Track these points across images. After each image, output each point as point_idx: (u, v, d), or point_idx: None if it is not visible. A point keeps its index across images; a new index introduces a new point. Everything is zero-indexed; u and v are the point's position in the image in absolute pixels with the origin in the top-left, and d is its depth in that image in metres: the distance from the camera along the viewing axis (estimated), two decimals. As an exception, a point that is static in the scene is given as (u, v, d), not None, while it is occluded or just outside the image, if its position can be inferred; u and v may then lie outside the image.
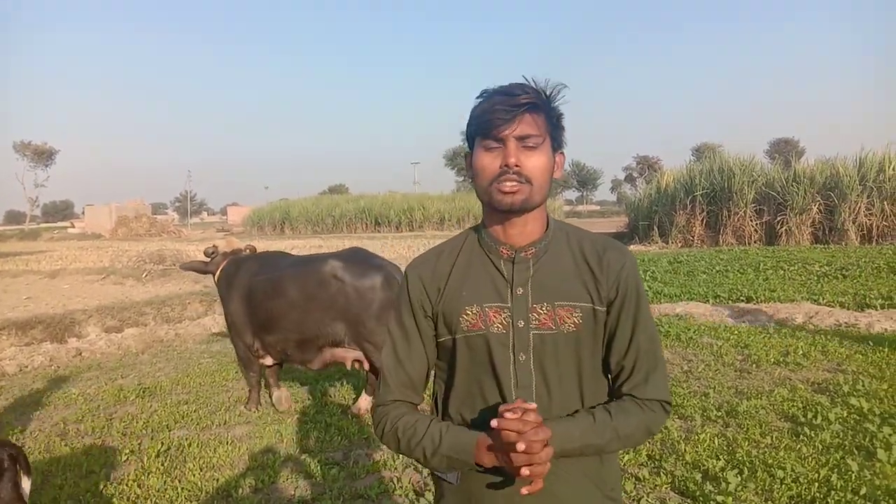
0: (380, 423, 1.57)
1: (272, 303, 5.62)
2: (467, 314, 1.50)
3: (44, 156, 77.15)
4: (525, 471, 1.30)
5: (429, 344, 1.58)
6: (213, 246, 6.57)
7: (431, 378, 1.67)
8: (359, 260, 5.63)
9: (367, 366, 5.62)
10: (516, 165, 1.42)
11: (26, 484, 2.98)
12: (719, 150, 28.11)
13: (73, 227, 65.42)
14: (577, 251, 1.55)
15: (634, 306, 1.52)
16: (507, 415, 1.31)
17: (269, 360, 5.98)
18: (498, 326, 1.49)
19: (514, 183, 1.43)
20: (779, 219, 22.06)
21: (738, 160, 23.96)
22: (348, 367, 5.79)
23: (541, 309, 1.48)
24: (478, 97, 1.49)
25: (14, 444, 3.04)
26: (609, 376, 1.58)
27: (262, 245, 7.59)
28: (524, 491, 1.33)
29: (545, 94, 1.48)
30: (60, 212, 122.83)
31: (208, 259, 6.40)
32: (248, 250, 6.51)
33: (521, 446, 1.28)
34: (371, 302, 5.38)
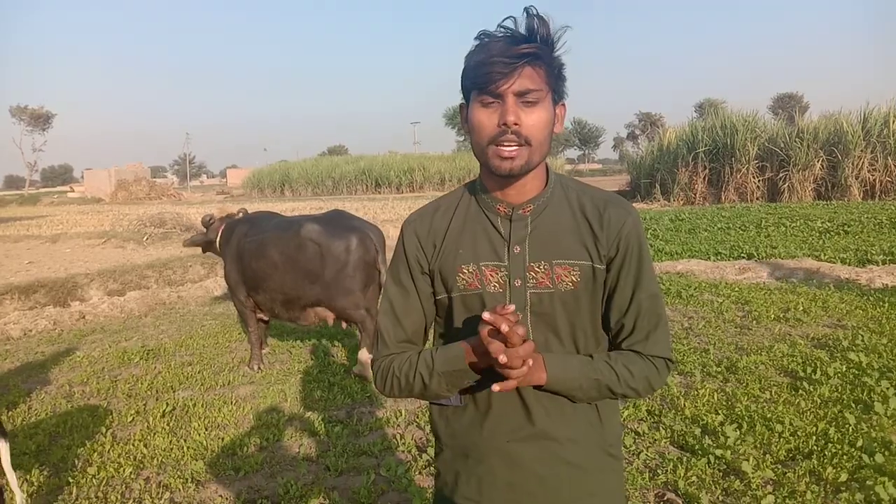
0: (378, 375, 1.54)
1: (257, 264, 5.88)
2: (463, 273, 1.46)
3: (41, 120, 76.61)
4: (502, 357, 1.24)
5: (426, 301, 1.54)
6: (209, 215, 6.73)
7: (431, 333, 1.65)
8: (334, 222, 5.81)
9: (343, 324, 5.90)
10: (515, 124, 1.34)
11: (5, 449, 2.98)
12: (722, 107, 27.87)
13: (72, 191, 65.29)
14: (577, 208, 1.49)
15: (636, 264, 1.46)
16: (486, 315, 1.27)
17: (264, 317, 6.23)
18: (494, 286, 1.44)
19: (514, 147, 1.36)
20: (781, 175, 21.97)
21: (740, 116, 23.76)
22: (330, 325, 6.03)
23: (538, 267, 1.44)
24: (476, 39, 1.40)
25: None
26: (609, 334, 1.53)
27: (263, 208, 7.57)
28: (495, 387, 1.30)
29: (547, 40, 1.38)
30: (59, 176, 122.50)
31: (206, 229, 6.60)
32: (240, 214, 6.67)
33: (497, 346, 1.26)
34: (345, 263, 5.57)
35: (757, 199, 22.38)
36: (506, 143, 1.35)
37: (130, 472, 4.01)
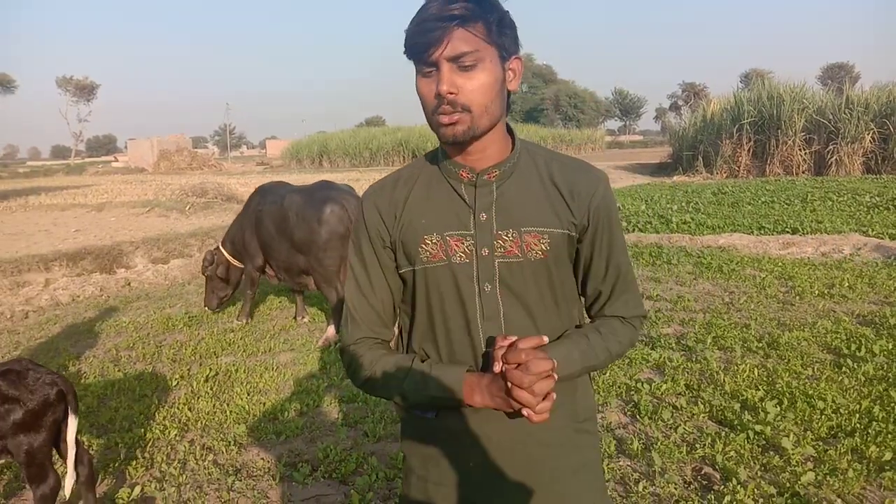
0: (351, 365, 1.46)
1: (260, 232, 6.30)
2: (427, 244, 1.39)
3: (85, 90, 78.09)
4: (529, 414, 1.23)
5: (391, 276, 1.47)
6: (208, 252, 6.99)
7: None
8: (314, 193, 6.01)
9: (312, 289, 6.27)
10: (450, 93, 1.26)
11: (73, 423, 3.03)
12: (769, 77, 27.05)
13: (116, 161, 66.52)
14: (545, 174, 1.42)
15: (609, 231, 1.43)
16: (510, 356, 1.24)
17: (273, 280, 6.70)
18: (460, 256, 1.38)
19: (452, 114, 1.28)
20: (829, 148, 21.36)
21: (788, 87, 23.06)
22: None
23: (506, 235, 1.37)
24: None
25: (66, 380, 3.09)
26: (585, 300, 1.52)
27: (301, 179, 7.64)
28: (536, 419, 1.25)
29: None
30: (104, 146, 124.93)
31: (212, 262, 6.84)
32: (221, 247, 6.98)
33: (526, 397, 1.22)
34: (317, 234, 5.76)
35: (803, 172, 21.81)
36: (443, 113, 1.29)
37: (175, 434, 4.13)
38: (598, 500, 1.49)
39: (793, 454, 3.44)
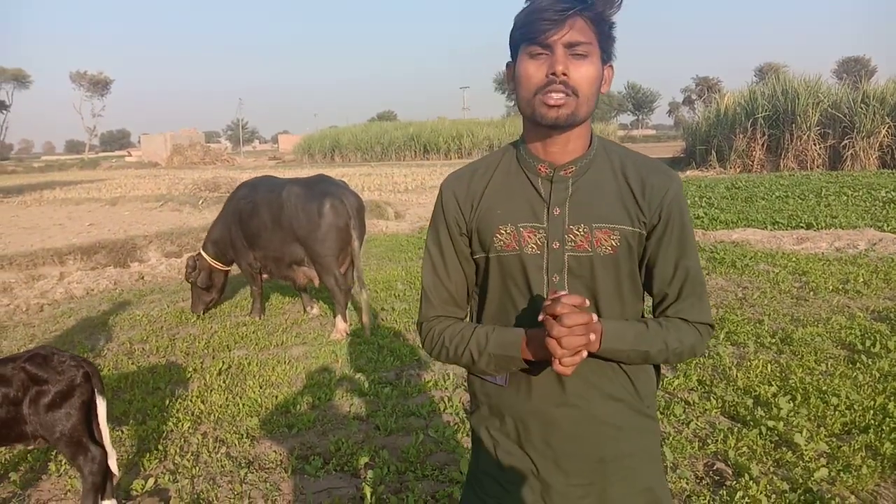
0: (427, 338, 1.56)
1: (252, 223, 6.33)
2: (501, 234, 1.45)
3: (99, 85, 78.53)
4: (555, 363, 1.28)
5: (465, 261, 1.54)
6: (189, 258, 7.02)
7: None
8: (314, 186, 6.15)
9: (317, 283, 6.29)
10: (563, 74, 1.31)
11: (102, 404, 3.13)
12: (783, 71, 26.85)
13: (129, 155, 67.01)
14: (619, 172, 1.45)
15: (679, 232, 1.44)
16: (556, 306, 1.28)
17: (266, 276, 6.70)
18: (532, 247, 1.43)
19: (561, 95, 1.32)
20: (844, 142, 21.16)
21: (803, 81, 22.85)
22: (317, 285, 6.41)
23: (577, 230, 1.41)
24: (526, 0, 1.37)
25: (90, 363, 3.19)
26: (652, 300, 1.52)
27: (307, 174, 7.68)
28: (557, 368, 1.30)
29: None
30: (117, 141, 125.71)
31: (195, 268, 6.80)
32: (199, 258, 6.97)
33: (554, 345, 1.27)
34: (317, 226, 5.89)
35: (817, 166, 21.61)
36: (553, 92, 1.33)
37: (188, 427, 4.16)
38: (657, 481, 1.53)
39: (806, 450, 3.42)
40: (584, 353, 1.30)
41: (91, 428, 3.10)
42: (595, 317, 1.32)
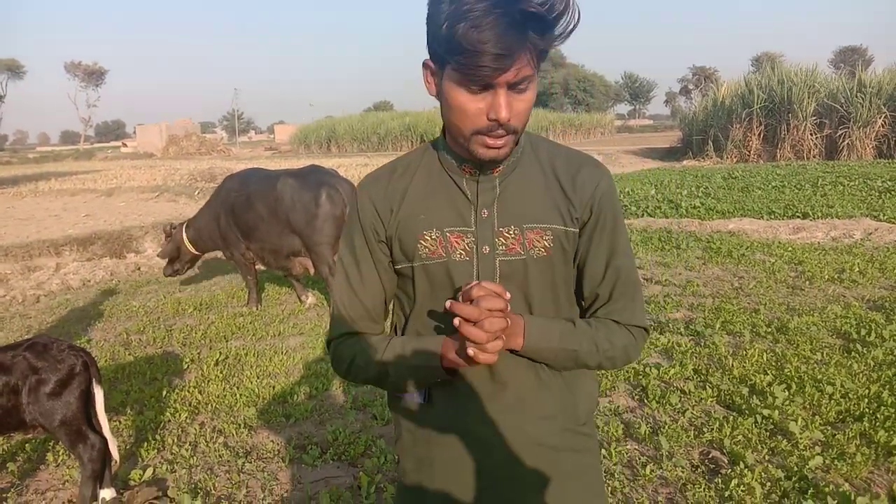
0: (336, 358, 1.42)
1: (246, 216, 6.38)
2: (426, 240, 1.33)
3: (94, 76, 78.16)
4: (476, 352, 1.17)
5: (384, 271, 1.40)
6: (169, 223, 7.28)
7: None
8: (308, 177, 6.24)
9: (312, 272, 6.39)
10: (508, 120, 1.19)
11: (99, 392, 3.15)
12: (780, 61, 26.81)
13: (125, 146, 66.75)
14: (548, 168, 1.36)
15: (610, 229, 1.36)
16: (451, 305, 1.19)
17: (260, 266, 6.77)
18: (460, 253, 1.32)
19: (502, 139, 1.21)
20: (840, 132, 21.18)
21: (799, 70, 22.83)
22: (312, 274, 6.49)
23: (508, 233, 1.31)
24: None
25: (87, 352, 3.20)
26: (582, 302, 1.43)
27: (301, 165, 7.67)
28: (481, 357, 1.19)
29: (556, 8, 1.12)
30: (113, 132, 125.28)
31: (169, 236, 7.09)
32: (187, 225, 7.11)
33: (474, 331, 1.16)
34: (314, 216, 5.99)
35: (814, 156, 21.63)
36: (494, 137, 1.21)
37: (186, 417, 4.17)
38: (598, 500, 1.45)
39: (801, 438, 3.45)
40: (503, 342, 1.20)
41: (89, 417, 3.11)
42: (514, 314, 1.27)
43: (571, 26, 1.15)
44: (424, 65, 1.27)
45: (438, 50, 1.19)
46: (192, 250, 6.97)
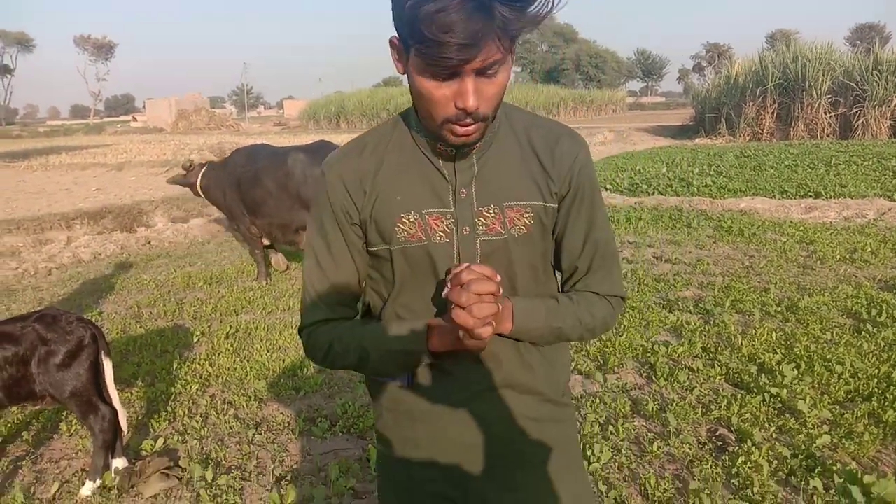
0: (311, 345, 1.36)
1: (254, 191, 6.39)
2: (404, 223, 1.27)
3: (103, 49, 78.01)
4: (465, 337, 1.15)
5: (357, 254, 1.34)
6: (189, 160, 7.23)
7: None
8: (318, 152, 6.25)
9: None
10: (476, 108, 1.13)
11: (108, 364, 3.18)
12: (795, 38, 26.43)
13: (135, 120, 66.80)
14: (525, 141, 1.31)
15: (589, 201, 1.34)
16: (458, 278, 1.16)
17: (266, 241, 6.80)
18: (440, 235, 1.27)
19: (471, 127, 1.16)
20: (855, 111, 20.92)
21: (813, 48, 22.50)
22: None
23: (488, 212, 1.27)
24: None
25: (95, 325, 3.23)
26: (560, 274, 1.42)
27: (314, 140, 7.66)
28: (471, 344, 1.18)
29: None
30: (122, 106, 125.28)
31: (186, 172, 7.10)
32: (218, 158, 7.18)
33: (464, 316, 1.13)
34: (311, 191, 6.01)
35: (828, 135, 21.40)
36: (463, 125, 1.16)
37: (197, 389, 4.21)
38: (579, 475, 1.47)
39: (809, 417, 3.45)
40: (493, 327, 1.17)
41: (100, 388, 3.15)
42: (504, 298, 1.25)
43: (546, 9, 1.09)
44: (391, 43, 1.19)
45: (402, 32, 1.12)
46: (202, 194, 7.05)
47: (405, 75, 1.19)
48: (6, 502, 3.06)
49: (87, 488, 3.10)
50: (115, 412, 3.14)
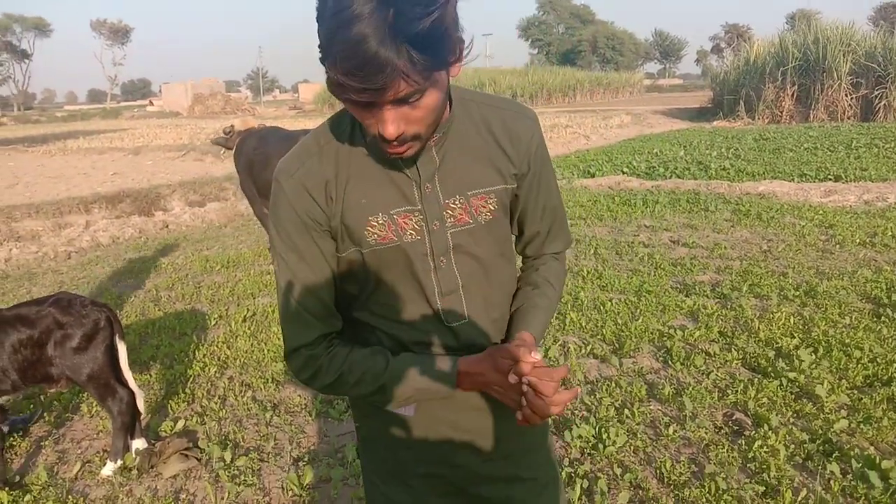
0: (315, 371, 1.31)
1: (265, 174, 6.27)
2: (373, 226, 1.24)
3: (119, 34, 78.25)
4: (536, 419, 1.20)
5: (332, 260, 1.29)
6: (231, 125, 7.22)
7: None
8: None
9: None
10: (400, 134, 1.08)
11: (122, 348, 3.22)
12: (816, 18, 25.97)
13: (151, 104, 67.04)
14: (481, 125, 1.30)
15: (546, 176, 1.39)
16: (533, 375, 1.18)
17: None
18: (411, 234, 1.25)
19: (402, 148, 1.12)
20: (877, 92, 20.55)
21: (834, 28, 22.11)
22: None
23: (454, 203, 1.26)
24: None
25: (110, 308, 3.26)
26: (520, 240, 1.48)
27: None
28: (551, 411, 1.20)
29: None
30: (139, 90, 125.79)
31: (227, 136, 7.15)
32: (259, 126, 7.16)
33: (554, 409, 1.18)
34: None
35: (849, 118, 21.07)
36: (392, 148, 1.12)
37: (215, 371, 4.26)
38: (555, 470, 1.55)
39: (826, 402, 3.43)
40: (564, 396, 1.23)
41: (117, 371, 3.19)
42: (526, 336, 1.30)
43: (456, 56, 1.07)
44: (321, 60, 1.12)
45: (322, 55, 1.05)
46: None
47: None
48: (31, 481, 3.12)
49: (108, 468, 3.16)
50: (132, 394, 3.18)
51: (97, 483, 3.13)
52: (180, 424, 3.59)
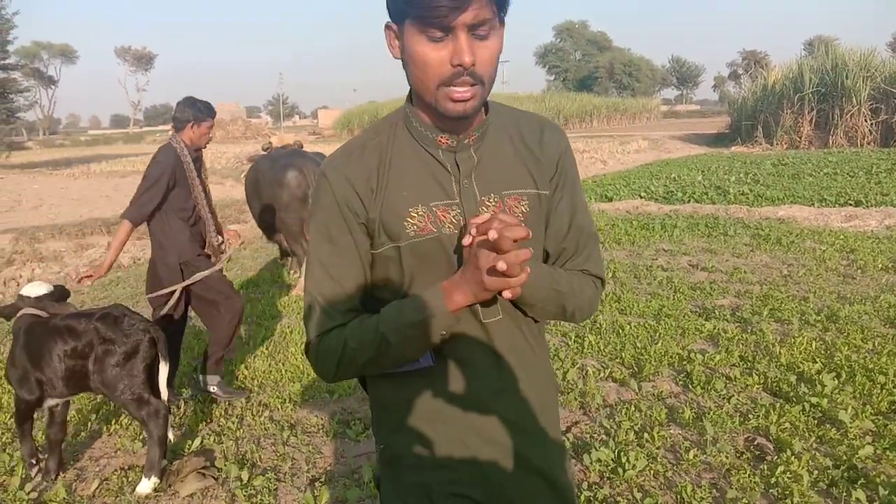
0: (323, 352, 1.31)
1: (253, 196, 6.90)
2: (413, 217, 1.27)
3: (143, 60, 79.79)
4: (501, 264, 1.10)
5: (365, 255, 1.31)
6: (269, 142, 7.48)
7: None
8: (279, 160, 6.58)
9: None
10: (472, 65, 1.16)
11: (164, 369, 3.25)
12: (834, 44, 25.90)
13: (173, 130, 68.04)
14: (514, 133, 1.36)
15: (571, 186, 1.40)
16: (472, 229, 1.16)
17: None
18: (449, 227, 1.28)
19: (468, 88, 1.18)
20: (897, 118, 20.41)
21: (853, 54, 22.05)
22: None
23: (489, 201, 1.30)
24: None
25: (157, 329, 3.30)
26: (547, 257, 1.43)
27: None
28: (506, 294, 1.17)
29: None
30: (161, 115, 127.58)
31: (266, 153, 7.35)
32: (295, 145, 7.43)
33: (501, 265, 1.10)
34: (279, 196, 6.35)
35: (868, 143, 20.92)
36: (460, 85, 1.17)
37: (233, 391, 4.27)
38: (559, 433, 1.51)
39: (850, 427, 3.37)
40: (527, 273, 1.17)
41: (154, 386, 3.22)
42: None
43: None
44: (386, 27, 1.25)
45: (395, 6, 1.19)
46: None
47: (401, 59, 1.24)
48: (49, 498, 3.14)
49: (145, 485, 3.14)
50: (167, 408, 3.22)
51: (117, 502, 3.13)
52: (198, 442, 3.60)
